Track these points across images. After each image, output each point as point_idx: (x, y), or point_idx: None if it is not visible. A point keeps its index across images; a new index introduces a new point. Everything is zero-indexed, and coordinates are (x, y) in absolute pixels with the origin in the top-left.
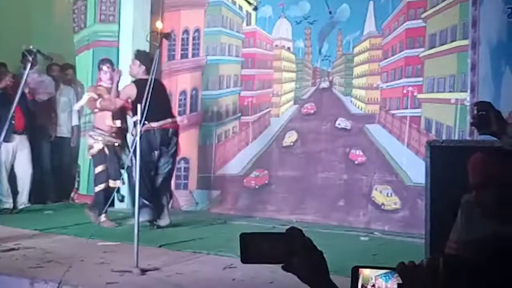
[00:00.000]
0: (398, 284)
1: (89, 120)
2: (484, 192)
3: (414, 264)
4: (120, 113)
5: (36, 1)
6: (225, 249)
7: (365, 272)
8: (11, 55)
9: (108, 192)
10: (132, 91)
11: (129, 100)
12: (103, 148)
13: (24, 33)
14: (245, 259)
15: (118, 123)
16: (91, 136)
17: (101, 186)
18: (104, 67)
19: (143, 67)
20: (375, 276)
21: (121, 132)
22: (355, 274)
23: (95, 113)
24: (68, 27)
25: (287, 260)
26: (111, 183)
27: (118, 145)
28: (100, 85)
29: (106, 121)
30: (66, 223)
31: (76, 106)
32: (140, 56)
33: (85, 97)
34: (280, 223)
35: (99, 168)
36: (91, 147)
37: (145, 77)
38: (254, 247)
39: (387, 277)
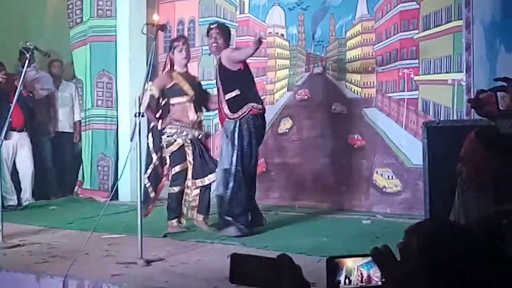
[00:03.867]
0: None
1: (90, 115)
2: (461, 166)
3: (387, 247)
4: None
5: None
6: (229, 238)
7: (348, 263)
8: (8, 53)
9: (182, 195)
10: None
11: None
12: (183, 144)
13: (21, 31)
14: (233, 279)
15: (201, 115)
16: (169, 130)
17: (175, 189)
18: (179, 44)
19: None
20: (357, 266)
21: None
22: (330, 265)
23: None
24: (63, 22)
25: (275, 286)
26: (198, 182)
27: (200, 138)
28: (173, 71)
29: (190, 113)
30: (70, 218)
31: (142, 109)
32: (219, 27)
33: (148, 94)
34: (283, 210)
35: (177, 168)
36: (169, 143)
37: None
38: (243, 269)
39: (369, 266)
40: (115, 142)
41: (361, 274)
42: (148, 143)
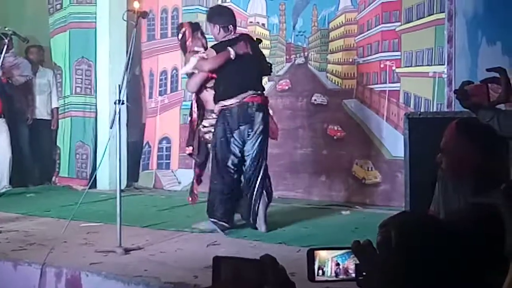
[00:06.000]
0: (356, 264)
1: (68, 102)
2: (442, 156)
3: (369, 242)
4: None
5: None
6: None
7: (322, 254)
8: None
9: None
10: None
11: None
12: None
13: (0, 16)
14: (216, 282)
15: None
16: (208, 123)
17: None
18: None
19: (217, 27)
20: (331, 258)
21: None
22: (311, 257)
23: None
24: (43, 8)
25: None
26: None
27: None
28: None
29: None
30: (48, 205)
31: (183, 70)
32: (210, 15)
33: (193, 59)
34: None
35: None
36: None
37: (231, 36)
38: (226, 271)
39: (344, 258)
40: (93, 130)
41: (336, 265)
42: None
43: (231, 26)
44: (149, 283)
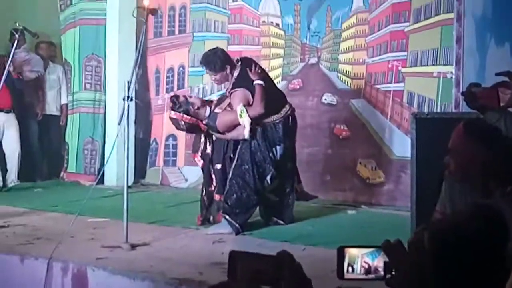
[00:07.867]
0: (385, 262)
1: (77, 98)
2: (449, 158)
3: (399, 241)
4: None
5: None
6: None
7: (352, 252)
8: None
9: None
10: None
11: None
12: None
13: (11, 12)
14: (232, 278)
15: None
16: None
17: None
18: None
19: (227, 67)
20: (361, 255)
21: None
22: (341, 254)
23: None
24: (55, 5)
25: (275, 284)
26: None
27: None
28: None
29: None
30: (56, 200)
31: (246, 134)
32: (210, 62)
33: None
34: None
35: None
36: None
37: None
38: (243, 267)
39: (374, 256)
40: (102, 126)
41: (366, 263)
42: None
43: (231, 60)
44: (154, 279)
